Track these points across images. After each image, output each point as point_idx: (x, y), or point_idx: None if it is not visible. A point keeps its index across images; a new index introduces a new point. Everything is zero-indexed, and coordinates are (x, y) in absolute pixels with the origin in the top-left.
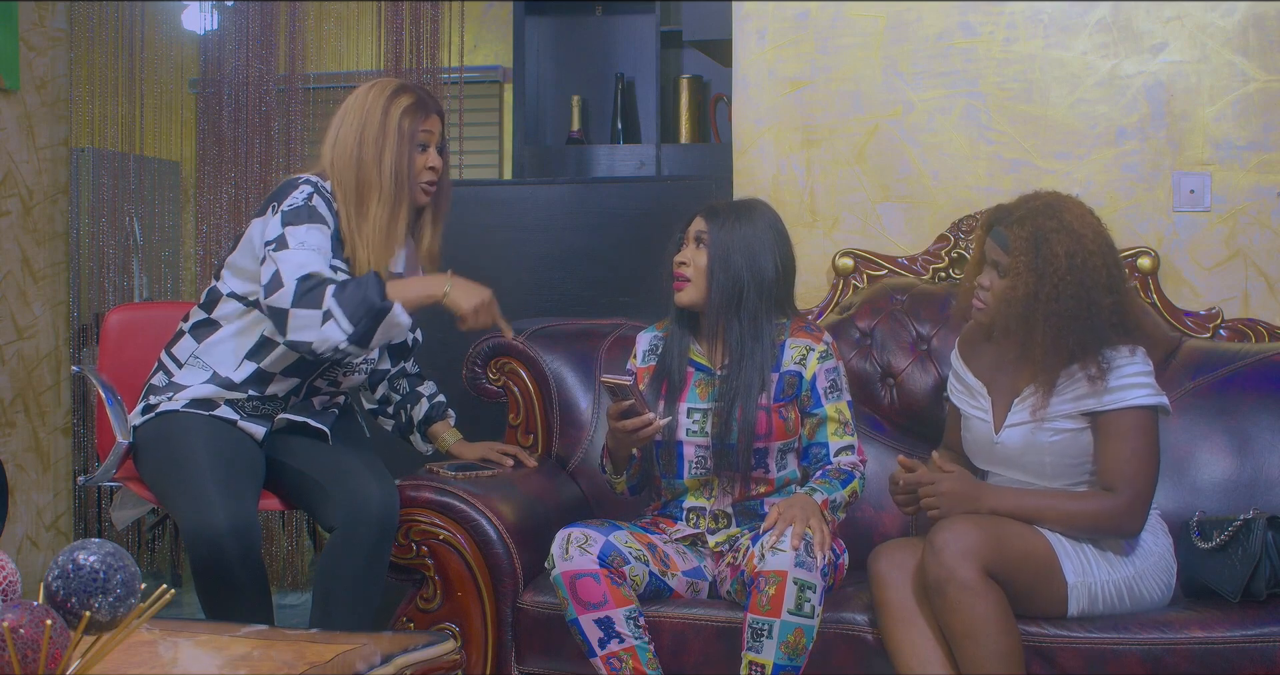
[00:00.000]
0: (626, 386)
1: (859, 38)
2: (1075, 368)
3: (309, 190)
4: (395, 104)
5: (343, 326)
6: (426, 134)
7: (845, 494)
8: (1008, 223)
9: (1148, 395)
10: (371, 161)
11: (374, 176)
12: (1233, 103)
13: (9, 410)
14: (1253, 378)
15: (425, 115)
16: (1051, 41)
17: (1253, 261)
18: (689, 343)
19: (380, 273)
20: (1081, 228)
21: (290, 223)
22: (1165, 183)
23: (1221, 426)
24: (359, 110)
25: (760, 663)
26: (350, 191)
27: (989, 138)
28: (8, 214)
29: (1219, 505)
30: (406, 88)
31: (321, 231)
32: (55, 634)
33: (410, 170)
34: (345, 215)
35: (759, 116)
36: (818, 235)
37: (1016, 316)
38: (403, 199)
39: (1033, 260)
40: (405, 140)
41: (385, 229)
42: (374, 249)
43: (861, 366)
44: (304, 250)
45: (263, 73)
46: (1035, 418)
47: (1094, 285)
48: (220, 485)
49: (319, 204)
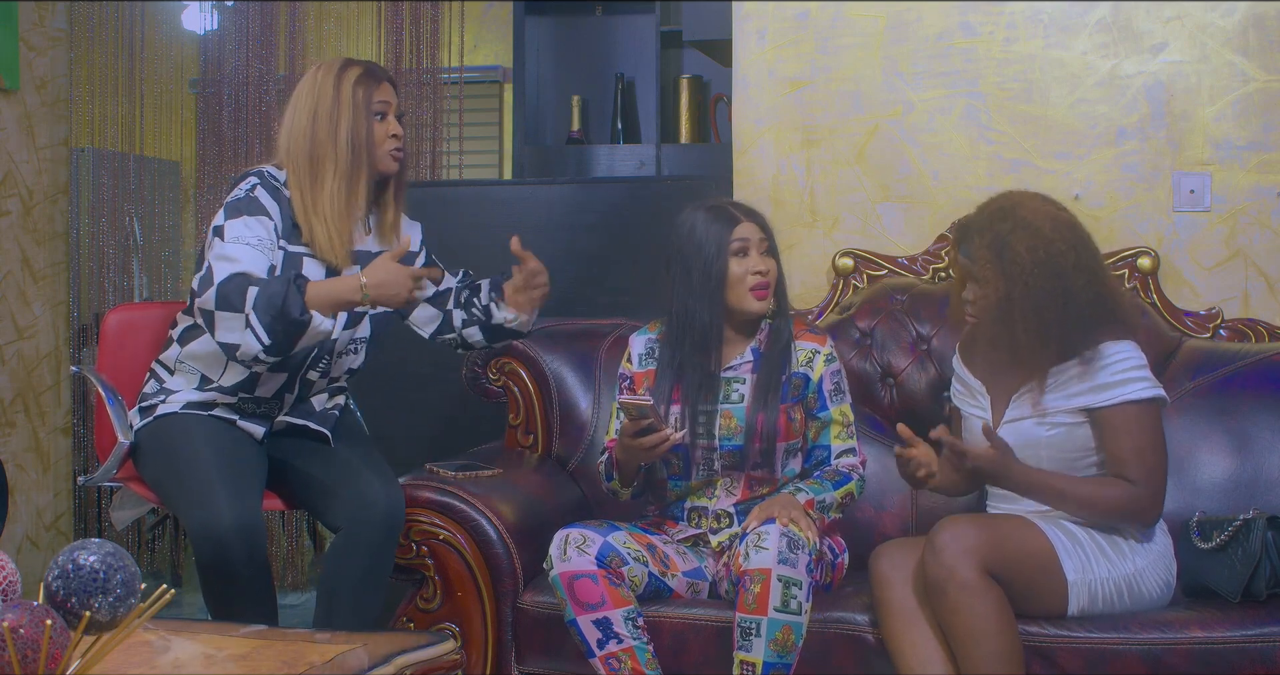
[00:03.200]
0: (646, 406)
1: (859, 38)
2: (1069, 364)
3: (253, 181)
4: (345, 77)
5: (260, 337)
6: (383, 104)
7: (838, 495)
8: (970, 235)
9: (1147, 388)
10: (326, 137)
11: (329, 150)
12: (1233, 103)
13: (9, 410)
14: (1253, 378)
15: (377, 83)
16: (1051, 41)
17: (1253, 261)
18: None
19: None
20: (1038, 220)
21: (230, 216)
22: (1165, 183)
23: (1221, 426)
24: (310, 90)
25: (750, 661)
26: (304, 170)
27: (989, 138)
28: (8, 214)
29: (1219, 505)
30: (354, 61)
31: (261, 224)
32: (55, 634)
33: (370, 139)
34: (299, 195)
35: (759, 116)
36: (818, 235)
37: (996, 321)
38: (360, 170)
39: (998, 265)
40: (361, 110)
41: (344, 201)
42: (333, 223)
43: (861, 366)
44: (238, 245)
45: (263, 73)
46: (1035, 412)
47: (1063, 270)
48: (224, 484)
49: (261, 195)
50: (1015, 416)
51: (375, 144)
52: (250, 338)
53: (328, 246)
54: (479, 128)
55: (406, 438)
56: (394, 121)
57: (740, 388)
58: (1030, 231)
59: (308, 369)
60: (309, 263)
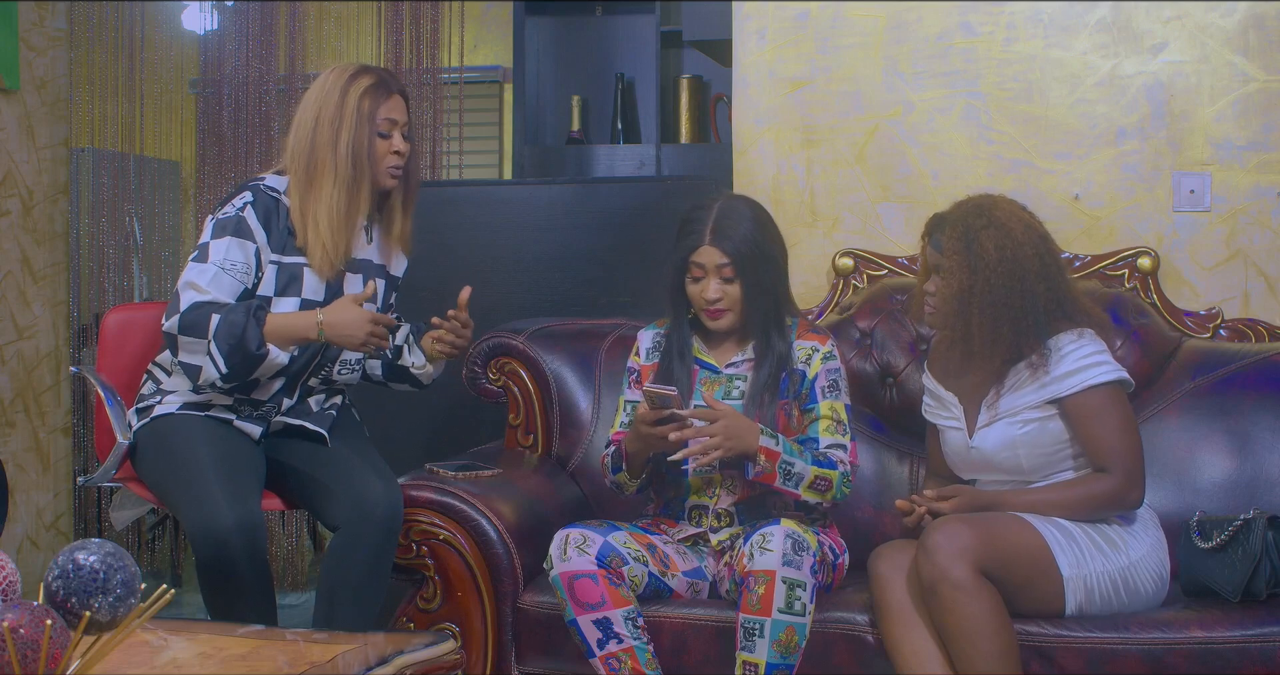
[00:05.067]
0: (671, 396)
1: (859, 38)
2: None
3: (246, 198)
4: (355, 85)
5: (219, 365)
6: (389, 122)
7: (814, 472)
8: (942, 227)
9: (1108, 372)
10: (327, 143)
11: (329, 158)
12: (1233, 103)
13: (9, 410)
14: (1253, 378)
15: (386, 95)
16: (1051, 41)
17: (1253, 261)
18: (690, 341)
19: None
20: (1011, 222)
21: (216, 234)
22: (1165, 183)
23: (1221, 426)
24: (318, 95)
25: (754, 662)
26: (303, 175)
27: (989, 138)
28: (8, 214)
29: (1219, 505)
30: (368, 69)
31: (243, 248)
32: (55, 634)
33: (371, 153)
34: (298, 201)
35: (759, 116)
36: (818, 235)
37: (954, 313)
38: (361, 182)
39: (965, 258)
40: (364, 121)
41: (342, 213)
42: (329, 234)
43: (861, 366)
44: (213, 270)
45: (263, 73)
46: (1006, 412)
47: (1026, 273)
48: (224, 483)
49: (250, 215)
50: (988, 421)
51: (376, 159)
52: (209, 365)
53: (321, 256)
54: (479, 128)
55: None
56: (399, 138)
57: (741, 385)
58: (1001, 231)
59: (309, 376)
60: (306, 274)
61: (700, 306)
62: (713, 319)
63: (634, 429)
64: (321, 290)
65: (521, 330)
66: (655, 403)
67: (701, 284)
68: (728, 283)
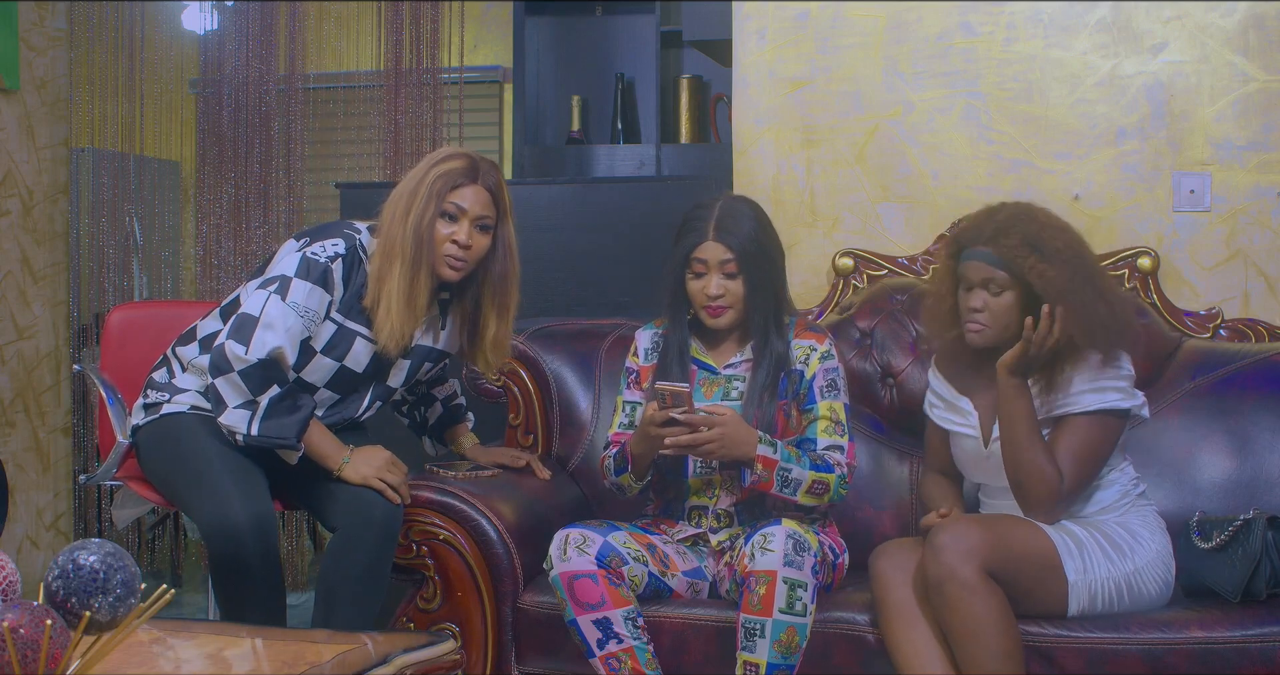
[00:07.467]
0: (683, 393)
1: (859, 38)
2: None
3: (339, 250)
4: (439, 164)
5: (250, 430)
6: (456, 207)
7: (811, 476)
8: (983, 241)
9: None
10: (400, 219)
11: (399, 233)
12: (1233, 103)
13: (9, 410)
14: (1253, 378)
15: (466, 181)
16: (1051, 41)
17: (1253, 261)
18: (689, 341)
19: (397, 343)
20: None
21: (301, 274)
22: (1165, 183)
23: (1221, 426)
24: (415, 168)
25: (754, 662)
26: (383, 245)
27: (989, 138)
28: (8, 214)
29: (1219, 505)
30: (462, 154)
31: (320, 298)
32: (55, 634)
33: (430, 234)
34: (376, 271)
35: (759, 116)
36: (818, 235)
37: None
38: (421, 264)
39: (1037, 260)
40: (432, 199)
41: (405, 295)
42: (393, 313)
43: (861, 366)
44: (292, 315)
45: (263, 73)
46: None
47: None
48: (235, 480)
49: (337, 268)
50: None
51: (435, 242)
52: (241, 422)
53: (388, 334)
54: (479, 128)
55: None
56: (466, 227)
57: (740, 385)
58: (1057, 229)
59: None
60: (359, 342)
61: (701, 304)
62: (713, 316)
63: (640, 430)
64: (364, 363)
65: (521, 330)
66: (666, 401)
67: (704, 280)
68: (730, 279)
